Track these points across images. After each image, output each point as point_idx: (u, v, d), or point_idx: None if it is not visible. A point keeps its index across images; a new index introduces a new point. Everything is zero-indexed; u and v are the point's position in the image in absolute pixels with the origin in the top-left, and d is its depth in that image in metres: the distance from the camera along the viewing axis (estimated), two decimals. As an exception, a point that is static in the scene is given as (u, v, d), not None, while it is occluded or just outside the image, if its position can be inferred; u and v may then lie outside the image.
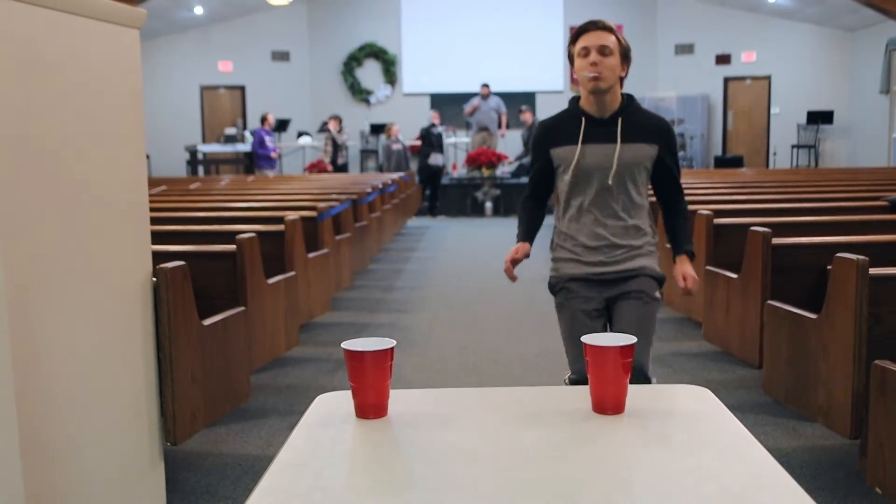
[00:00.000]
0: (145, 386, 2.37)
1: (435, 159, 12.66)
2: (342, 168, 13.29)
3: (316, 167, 13.29)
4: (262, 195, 6.97)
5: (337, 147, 13.20)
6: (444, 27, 16.49)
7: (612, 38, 2.46)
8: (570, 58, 2.52)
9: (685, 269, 2.56)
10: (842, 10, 13.96)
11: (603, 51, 2.43)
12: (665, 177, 2.59)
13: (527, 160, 12.42)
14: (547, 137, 2.60)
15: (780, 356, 3.22)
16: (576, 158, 2.50)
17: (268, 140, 12.52)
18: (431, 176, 12.82)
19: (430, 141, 12.71)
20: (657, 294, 2.57)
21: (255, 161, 12.86)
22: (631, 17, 16.45)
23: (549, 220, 2.63)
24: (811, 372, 2.98)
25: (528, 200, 2.76)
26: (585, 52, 2.45)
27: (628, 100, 2.55)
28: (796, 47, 15.77)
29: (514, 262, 2.62)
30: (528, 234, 2.73)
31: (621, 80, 2.51)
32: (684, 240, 2.63)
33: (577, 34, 2.48)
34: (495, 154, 12.82)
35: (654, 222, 2.63)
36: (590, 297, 2.54)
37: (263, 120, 12.81)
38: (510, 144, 14.05)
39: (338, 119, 13.35)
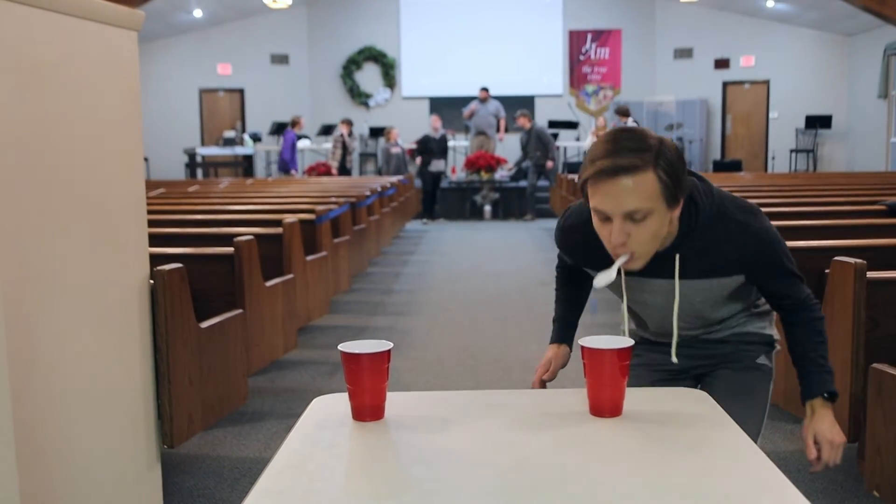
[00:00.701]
0: (142, 388, 2.36)
1: (437, 165, 12.33)
2: (348, 173, 13.11)
3: (315, 170, 13.25)
4: (261, 198, 6.96)
5: (346, 151, 13.04)
6: (443, 30, 16.51)
7: (647, 181, 1.46)
8: (584, 194, 1.57)
9: (819, 429, 1.64)
10: (840, 14, 13.99)
11: (633, 217, 1.49)
12: (769, 293, 1.74)
13: (526, 164, 12.47)
14: (572, 253, 1.82)
15: (777, 359, 3.22)
16: (623, 290, 1.75)
17: (298, 144, 12.47)
18: (433, 181, 12.59)
19: (431, 148, 12.31)
20: (762, 360, 1.86)
21: (285, 165, 12.71)
22: (630, 21, 16.48)
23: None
24: (809, 376, 2.98)
25: (565, 270, 1.96)
26: (604, 217, 1.52)
27: (691, 219, 1.61)
28: (795, 52, 15.80)
29: (544, 381, 1.86)
30: (566, 327, 1.92)
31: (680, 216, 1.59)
32: (818, 372, 1.68)
33: (587, 178, 1.51)
34: (494, 157, 12.83)
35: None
36: (656, 359, 1.86)
37: (295, 124, 12.75)
38: (509, 148, 14.07)
39: (349, 122, 13.16)
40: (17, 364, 1.77)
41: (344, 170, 12.97)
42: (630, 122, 12.05)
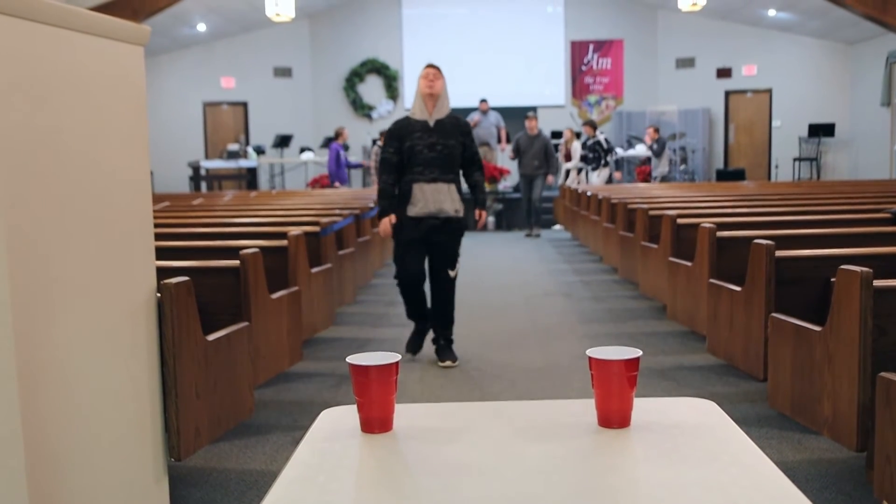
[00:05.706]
0: (149, 401, 2.36)
1: (432, 201, 4.68)
2: None
3: (318, 183, 13.28)
4: (265, 211, 6.98)
5: None
6: (445, 42, 16.57)
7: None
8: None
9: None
10: (842, 23, 14.02)
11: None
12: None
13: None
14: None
15: (784, 369, 3.22)
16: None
17: (342, 155, 12.20)
18: (429, 245, 4.78)
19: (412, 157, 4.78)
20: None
21: (331, 178, 12.44)
22: (632, 31, 16.53)
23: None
24: (816, 384, 2.98)
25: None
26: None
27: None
28: (797, 60, 15.83)
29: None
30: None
31: None
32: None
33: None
34: (497, 168, 12.83)
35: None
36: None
37: (338, 135, 12.61)
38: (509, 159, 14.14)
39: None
40: (25, 377, 1.77)
41: None
42: (599, 136, 12.29)
